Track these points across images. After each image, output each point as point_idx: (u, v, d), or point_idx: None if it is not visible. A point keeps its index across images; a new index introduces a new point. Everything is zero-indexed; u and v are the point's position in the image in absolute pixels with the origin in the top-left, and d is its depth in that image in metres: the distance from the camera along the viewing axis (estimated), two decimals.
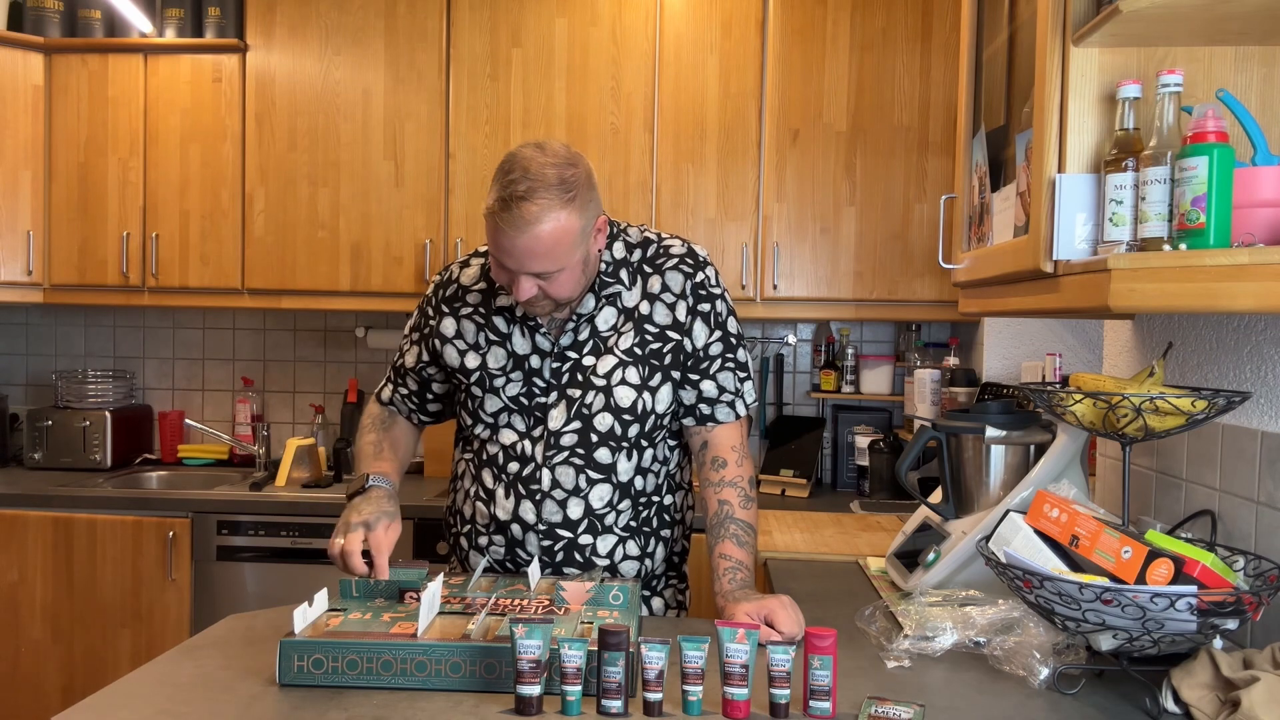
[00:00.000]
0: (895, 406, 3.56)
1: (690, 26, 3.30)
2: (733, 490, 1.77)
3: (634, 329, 1.75)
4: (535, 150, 1.59)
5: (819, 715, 1.30)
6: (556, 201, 1.55)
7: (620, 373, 1.74)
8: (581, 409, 1.74)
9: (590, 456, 1.75)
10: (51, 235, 3.50)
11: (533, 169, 1.55)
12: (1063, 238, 1.44)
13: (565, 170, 1.57)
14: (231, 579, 3.16)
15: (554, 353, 1.75)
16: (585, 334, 1.75)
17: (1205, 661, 1.32)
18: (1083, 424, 1.52)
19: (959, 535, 1.86)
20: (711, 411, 1.79)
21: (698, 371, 1.78)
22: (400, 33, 3.38)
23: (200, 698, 1.35)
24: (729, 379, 1.79)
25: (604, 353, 1.75)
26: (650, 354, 1.75)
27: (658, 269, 1.78)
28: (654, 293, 1.76)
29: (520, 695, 1.30)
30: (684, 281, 1.77)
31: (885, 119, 3.27)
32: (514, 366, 1.76)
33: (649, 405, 1.75)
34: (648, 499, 1.81)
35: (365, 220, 3.41)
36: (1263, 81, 1.43)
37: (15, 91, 3.43)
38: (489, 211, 1.58)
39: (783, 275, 3.31)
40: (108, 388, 3.70)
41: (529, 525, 1.76)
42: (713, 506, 1.78)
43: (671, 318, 1.76)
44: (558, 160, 1.58)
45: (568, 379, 1.75)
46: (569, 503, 1.75)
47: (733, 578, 1.69)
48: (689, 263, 1.78)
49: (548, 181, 1.55)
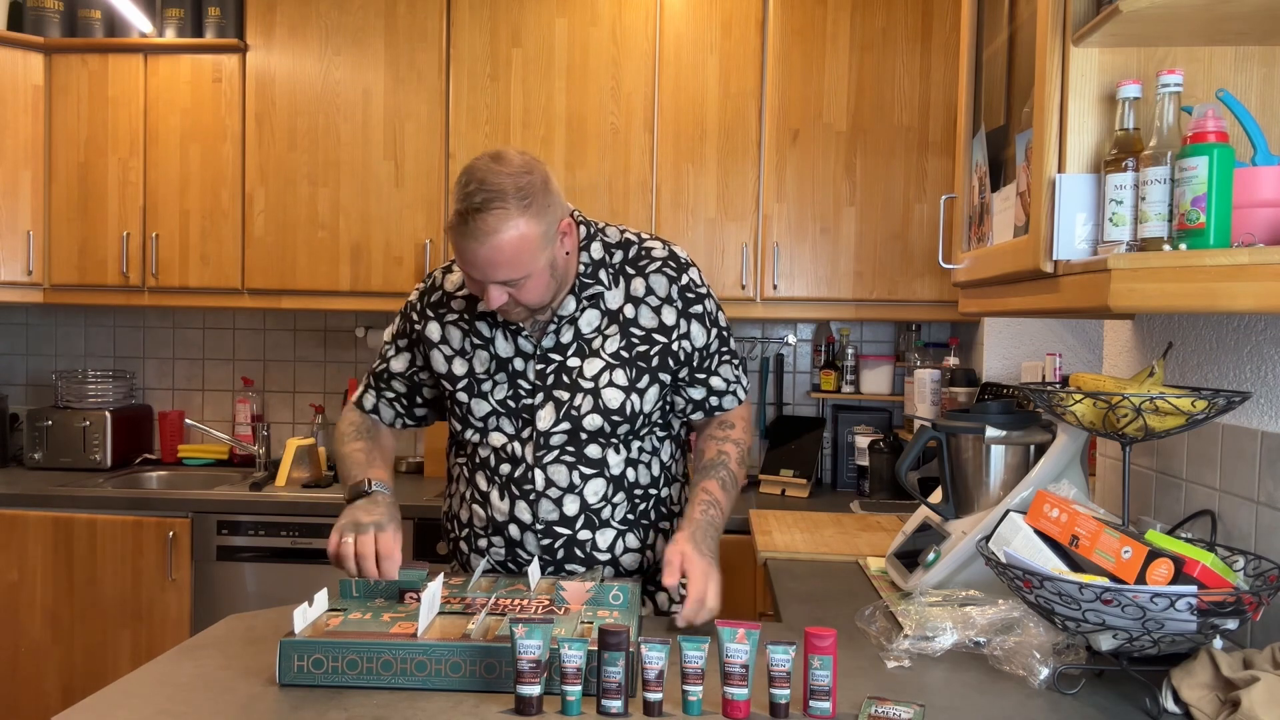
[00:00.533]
0: (895, 406, 3.56)
1: (690, 26, 3.30)
2: (734, 447, 1.85)
3: (619, 332, 1.77)
4: (490, 161, 1.60)
5: (819, 715, 1.30)
6: (514, 210, 1.57)
7: (608, 375, 1.76)
8: (570, 410, 1.75)
9: (581, 453, 1.77)
10: (51, 235, 3.50)
11: (489, 180, 1.57)
12: (1063, 238, 1.44)
13: (521, 178, 1.59)
14: (231, 579, 3.16)
15: (536, 354, 1.77)
16: (568, 336, 1.77)
17: (1205, 661, 1.32)
18: (1083, 424, 1.52)
19: (959, 535, 1.86)
20: (720, 404, 1.87)
21: (704, 370, 1.84)
22: (400, 33, 3.38)
23: (200, 698, 1.35)
24: (729, 370, 1.87)
25: (589, 355, 1.76)
26: (637, 356, 1.77)
27: (640, 271, 1.79)
28: (638, 295, 1.78)
29: (520, 695, 1.30)
30: (669, 285, 1.79)
31: (885, 119, 3.27)
32: (498, 369, 1.78)
33: (637, 406, 1.77)
34: (644, 492, 1.83)
35: (365, 220, 3.41)
36: (1263, 81, 1.43)
37: (15, 91, 3.43)
38: (449, 226, 1.61)
39: (783, 275, 3.31)
40: (108, 388, 3.70)
41: (526, 525, 1.77)
42: (710, 453, 1.84)
43: (658, 320, 1.78)
44: (513, 169, 1.59)
45: (553, 380, 1.76)
46: (564, 500, 1.77)
47: (705, 510, 1.75)
48: (672, 266, 1.80)
49: (504, 191, 1.56)
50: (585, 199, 3.29)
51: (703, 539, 1.69)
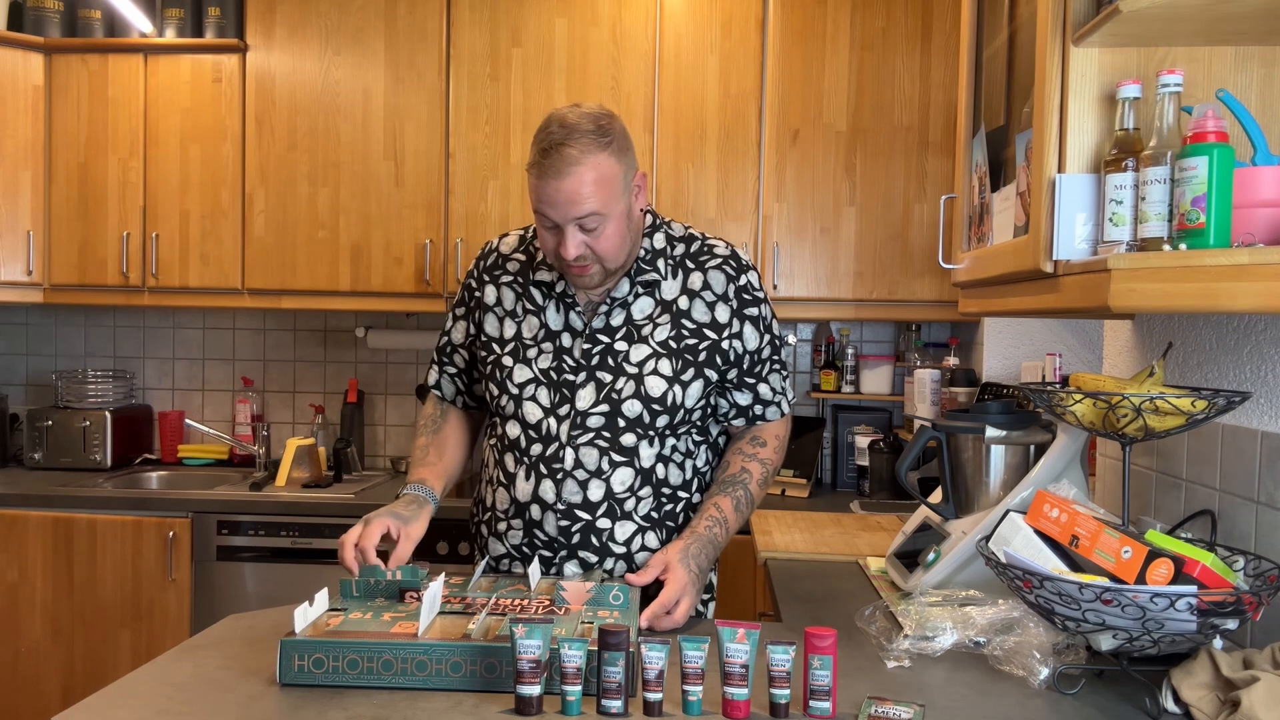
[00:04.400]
0: (895, 406, 3.56)
1: (690, 26, 3.30)
2: (759, 467, 1.84)
3: (670, 322, 1.78)
4: (571, 107, 1.68)
5: (819, 715, 1.30)
6: (594, 144, 1.63)
7: (653, 363, 1.76)
8: (611, 393, 1.75)
9: (615, 440, 1.76)
10: (51, 235, 3.51)
11: (570, 119, 1.65)
12: (1063, 238, 1.44)
13: (601, 119, 1.66)
14: (231, 579, 3.16)
15: (585, 333, 1.78)
16: (619, 319, 1.78)
17: (1205, 661, 1.32)
18: (1083, 424, 1.52)
19: (959, 535, 1.86)
20: (763, 413, 1.87)
21: (753, 375, 1.83)
22: (400, 33, 3.38)
23: (200, 698, 1.35)
24: (777, 380, 1.87)
25: (637, 341, 1.77)
26: (685, 349, 1.77)
27: (700, 266, 1.81)
28: (694, 289, 1.80)
29: (520, 695, 1.30)
30: (727, 283, 1.80)
31: (885, 119, 3.27)
32: (545, 338, 1.80)
33: (679, 399, 1.77)
34: (672, 492, 1.81)
35: (365, 220, 3.41)
36: (1263, 81, 1.43)
37: (15, 91, 3.43)
38: (531, 165, 1.66)
39: (783, 275, 3.31)
40: (108, 388, 3.70)
41: (548, 505, 1.77)
42: (734, 468, 1.83)
43: (710, 316, 1.79)
44: (593, 112, 1.67)
45: (598, 361, 1.77)
46: (590, 484, 1.76)
47: (710, 527, 1.74)
48: (732, 265, 1.82)
49: (584, 129, 1.63)
50: None
51: (696, 554, 1.69)
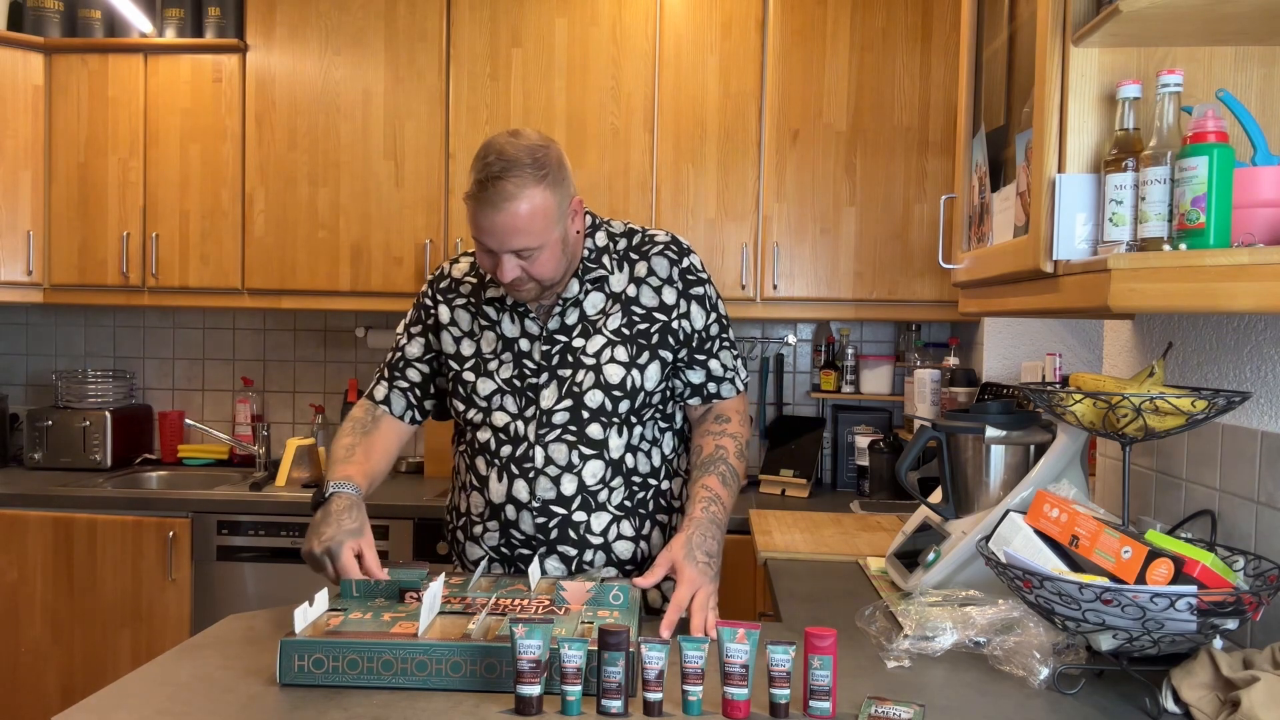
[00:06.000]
0: (895, 406, 3.56)
1: (690, 26, 3.30)
2: (731, 441, 1.85)
3: (621, 311, 1.82)
4: (509, 136, 1.68)
5: (819, 715, 1.30)
6: (530, 179, 1.64)
7: (609, 351, 1.80)
8: (572, 387, 1.79)
9: (582, 433, 1.79)
10: (51, 235, 3.50)
11: (507, 151, 1.64)
12: (1063, 238, 1.44)
13: (537, 151, 1.67)
14: (231, 579, 3.16)
15: (543, 336, 1.81)
16: (573, 318, 1.82)
17: (1205, 661, 1.32)
18: (1083, 424, 1.52)
19: (959, 535, 1.86)
20: (717, 389, 1.89)
21: (703, 352, 1.86)
22: (400, 33, 3.38)
23: (200, 698, 1.35)
24: (728, 357, 1.89)
25: (593, 334, 1.81)
26: (638, 334, 1.81)
27: (644, 255, 1.86)
28: (640, 277, 1.84)
29: (520, 695, 1.30)
30: (670, 267, 1.85)
31: (885, 119, 3.27)
32: (504, 349, 1.83)
33: (638, 382, 1.80)
34: (642, 480, 1.85)
35: (365, 220, 3.41)
36: (1263, 81, 1.43)
37: (15, 91, 3.43)
38: (468, 195, 1.67)
39: (783, 275, 3.31)
40: (108, 388, 3.70)
41: (523, 504, 1.79)
42: (708, 449, 1.84)
43: (658, 300, 1.83)
44: (530, 143, 1.67)
45: (558, 360, 1.80)
46: (562, 479, 1.79)
47: (706, 507, 1.74)
48: (673, 249, 1.87)
49: (521, 161, 1.64)
50: (586, 198, 3.23)
51: (701, 540, 1.69)
